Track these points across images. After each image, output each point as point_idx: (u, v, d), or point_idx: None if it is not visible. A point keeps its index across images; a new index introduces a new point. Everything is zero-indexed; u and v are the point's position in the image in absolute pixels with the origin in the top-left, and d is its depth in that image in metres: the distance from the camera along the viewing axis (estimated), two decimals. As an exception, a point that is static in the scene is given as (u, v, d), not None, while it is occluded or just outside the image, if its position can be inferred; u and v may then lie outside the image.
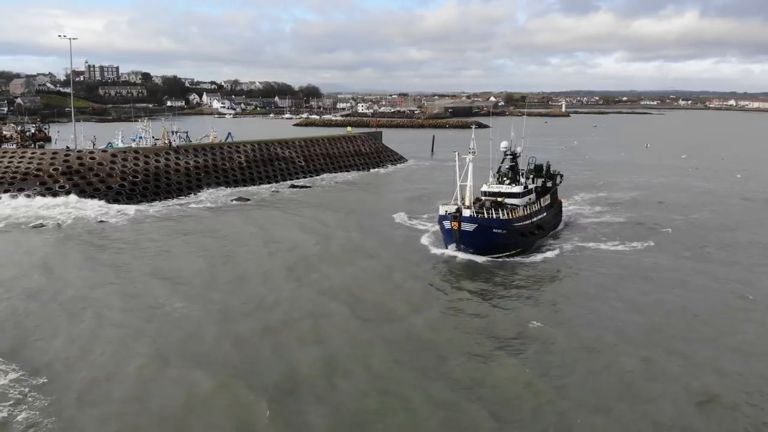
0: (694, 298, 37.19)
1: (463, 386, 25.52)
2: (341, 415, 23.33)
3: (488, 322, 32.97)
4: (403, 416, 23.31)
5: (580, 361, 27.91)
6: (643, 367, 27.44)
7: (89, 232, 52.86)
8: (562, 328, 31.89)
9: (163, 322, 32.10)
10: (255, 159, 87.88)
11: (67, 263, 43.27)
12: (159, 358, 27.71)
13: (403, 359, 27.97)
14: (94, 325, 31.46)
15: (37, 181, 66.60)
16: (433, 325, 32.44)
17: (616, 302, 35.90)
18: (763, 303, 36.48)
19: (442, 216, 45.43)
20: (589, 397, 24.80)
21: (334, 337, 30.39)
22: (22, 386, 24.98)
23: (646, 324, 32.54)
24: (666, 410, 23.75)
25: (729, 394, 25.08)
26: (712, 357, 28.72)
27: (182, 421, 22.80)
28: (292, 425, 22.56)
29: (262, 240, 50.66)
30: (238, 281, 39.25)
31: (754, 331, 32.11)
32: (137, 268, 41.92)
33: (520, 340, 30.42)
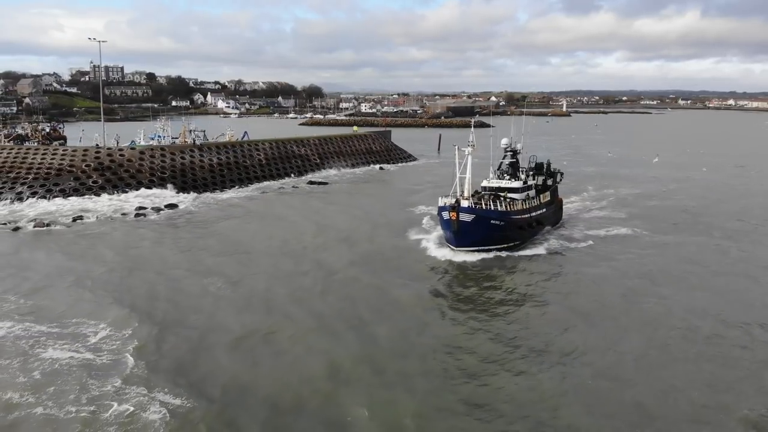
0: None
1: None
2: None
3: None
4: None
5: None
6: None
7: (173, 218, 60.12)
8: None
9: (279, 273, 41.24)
10: (273, 156, 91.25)
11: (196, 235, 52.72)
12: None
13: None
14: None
15: (71, 176, 69.88)
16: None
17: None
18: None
19: (441, 207, 45.71)
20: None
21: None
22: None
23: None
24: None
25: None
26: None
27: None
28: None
29: (311, 222, 57.67)
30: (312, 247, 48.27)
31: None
32: (242, 235, 52.59)
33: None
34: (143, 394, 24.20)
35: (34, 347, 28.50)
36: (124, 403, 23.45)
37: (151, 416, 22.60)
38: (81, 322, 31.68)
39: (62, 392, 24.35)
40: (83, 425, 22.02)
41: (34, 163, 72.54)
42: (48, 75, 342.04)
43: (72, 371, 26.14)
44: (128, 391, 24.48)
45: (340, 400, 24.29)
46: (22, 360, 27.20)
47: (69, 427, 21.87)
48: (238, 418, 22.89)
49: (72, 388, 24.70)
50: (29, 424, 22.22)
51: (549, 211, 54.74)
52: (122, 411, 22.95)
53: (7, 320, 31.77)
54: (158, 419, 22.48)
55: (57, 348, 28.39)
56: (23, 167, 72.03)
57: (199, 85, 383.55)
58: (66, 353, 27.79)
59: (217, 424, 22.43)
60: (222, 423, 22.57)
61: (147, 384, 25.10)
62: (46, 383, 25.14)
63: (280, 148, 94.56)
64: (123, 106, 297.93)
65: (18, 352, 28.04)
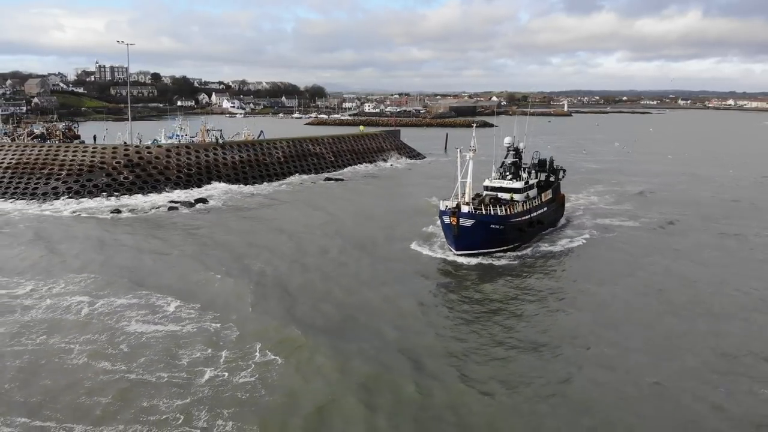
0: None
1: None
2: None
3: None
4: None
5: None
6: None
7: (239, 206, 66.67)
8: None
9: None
10: (291, 154, 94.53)
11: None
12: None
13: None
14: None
15: (103, 173, 73.17)
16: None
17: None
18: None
19: (442, 211, 46.47)
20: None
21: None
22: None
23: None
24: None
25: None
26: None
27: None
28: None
29: (339, 209, 64.10)
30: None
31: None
32: (293, 216, 60.83)
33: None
34: (231, 360, 27.51)
35: (120, 321, 31.92)
36: (213, 368, 26.70)
37: (241, 380, 25.83)
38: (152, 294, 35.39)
39: (153, 360, 27.66)
40: (179, 388, 25.24)
41: (65, 160, 75.72)
42: (54, 75, 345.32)
43: (158, 341, 29.56)
44: (217, 355, 27.86)
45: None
46: (109, 333, 30.59)
47: (166, 391, 25.06)
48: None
49: (159, 355, 28.07)
50: (130, 389, 25.42)
51: (550, 210, 55.17)
52: (211, 376, 26.14)
53: (88, 296, 35.44)
54: (250, 379, 25.80)
55: (141, 320, 31.95)
56: (55, 164, 75.26)
57: (204, 85, 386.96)
58: (151, 326, 31.33)
59: (304, 370, 25.69)
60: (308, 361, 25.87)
61: (233, 350, 28.48)
62: (136, 352, 28.49)
63: (297, 147, 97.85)
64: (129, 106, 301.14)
65: (106, 327, 31.42)
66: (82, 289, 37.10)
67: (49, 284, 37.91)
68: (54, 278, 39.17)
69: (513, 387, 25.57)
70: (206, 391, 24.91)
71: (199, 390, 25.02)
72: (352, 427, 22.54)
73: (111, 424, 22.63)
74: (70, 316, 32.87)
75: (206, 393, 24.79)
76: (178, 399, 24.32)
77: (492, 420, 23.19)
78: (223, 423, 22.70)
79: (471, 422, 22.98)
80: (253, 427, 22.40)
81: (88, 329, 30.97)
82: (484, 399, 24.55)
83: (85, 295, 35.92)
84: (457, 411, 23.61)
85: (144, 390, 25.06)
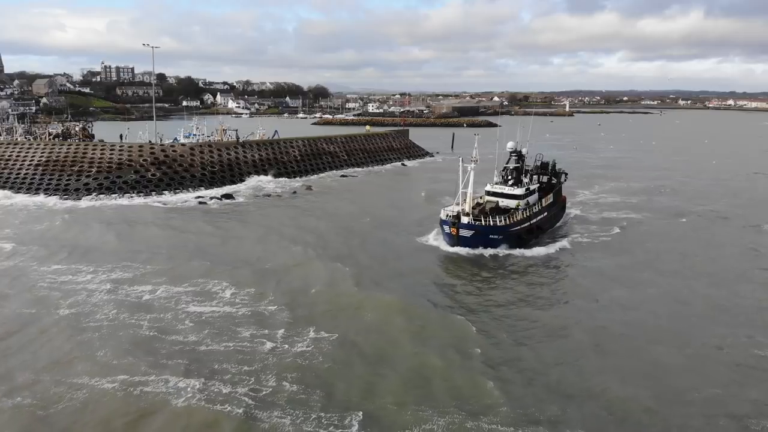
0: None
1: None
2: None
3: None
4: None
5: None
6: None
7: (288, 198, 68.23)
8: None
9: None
10: (306, 153, 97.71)
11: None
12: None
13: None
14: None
15: (131, 170, 76.36)
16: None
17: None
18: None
19: (443, 220, 47.58)
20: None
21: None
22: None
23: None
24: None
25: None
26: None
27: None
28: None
29: (364, 199, 63.49)
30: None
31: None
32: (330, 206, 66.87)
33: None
34: (288, 334, 30.76)
35: (178, 303, 35.10)
36: (273, 342, 29.91)
37: (299, 348, 29.12)
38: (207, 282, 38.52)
39: (217, 334, 30.85)
40: (245, 355, 28.46)
41: (94, 157, 78.90)
42: (59, 75, 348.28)
43: (217, 320, 32.74)
44: (274, 333, 31.03)
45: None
46: (172, 312, 33.80)
47: (234, 358, 28.26)
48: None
49: (222, 331, 31.26)
50: (202, 356, 28.60)
51: (550, 214, 55.09)
52: (272, 346, 29.36)
53: (148, 284, 38.62)
54: (306, 348, 29.06)
55: (198, 303, 35.13)
56: (84, 161, 78.45)
57: (208, 85, 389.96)
58: (208, 308, 34.46)
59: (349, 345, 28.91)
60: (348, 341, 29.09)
61: (288, 326, 31.75)
62: (200, 327, 31.68)
63: (312, 146, 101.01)
64: (135, 106, 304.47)
65: (168, 308, 34.64)
66: (145, 275, 40.31)
67: (108, 270, 41.13)
68: (110, 264, 42.43)
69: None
70: (270, 359, 28.11)
71: (264, 357, 28.25)
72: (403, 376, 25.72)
73: (190, 381, 25.81)
74: (131, 298, 36.04)
75: (270, 360, 27.99)
76: (245, 365, 27.53)
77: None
78: (288, 384, 25.85)
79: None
80: (315, 390, 25.50)
81: (152, 309, 34.14)
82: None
83: (145, 281, 39.12)
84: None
85: (214, 356, 28.31)
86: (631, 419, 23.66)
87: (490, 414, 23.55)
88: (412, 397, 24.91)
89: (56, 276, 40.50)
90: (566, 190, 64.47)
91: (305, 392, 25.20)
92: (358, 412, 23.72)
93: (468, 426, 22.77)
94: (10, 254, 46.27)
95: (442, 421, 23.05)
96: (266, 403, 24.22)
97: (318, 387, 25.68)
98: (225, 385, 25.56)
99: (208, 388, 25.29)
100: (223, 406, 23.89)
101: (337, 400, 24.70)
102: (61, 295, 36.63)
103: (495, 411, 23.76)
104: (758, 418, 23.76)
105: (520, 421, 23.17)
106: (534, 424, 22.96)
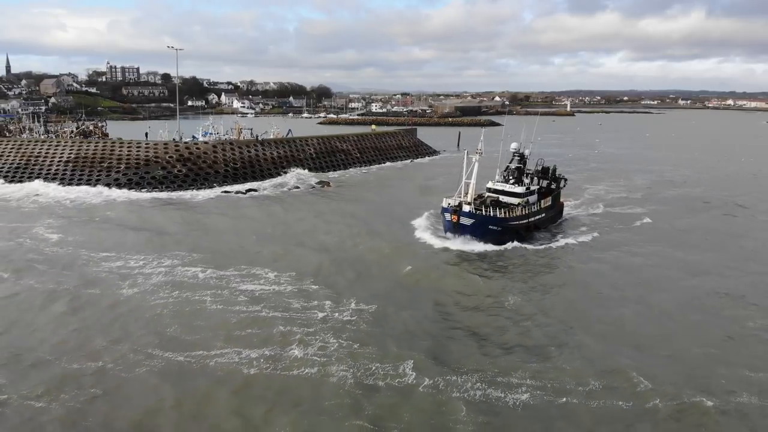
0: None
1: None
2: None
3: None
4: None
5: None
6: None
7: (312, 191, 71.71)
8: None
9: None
10: (321, 151, 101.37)
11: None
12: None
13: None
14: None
15: (158, 166, 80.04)
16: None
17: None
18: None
19: (444, 208, 48.79)
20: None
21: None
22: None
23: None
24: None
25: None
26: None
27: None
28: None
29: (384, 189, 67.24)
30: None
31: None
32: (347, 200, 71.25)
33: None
34: (334, 306, 34.56)
35: (230, 283, 38.78)
36: (323, 312, 33.69)
37: (346, 317, 32.95)
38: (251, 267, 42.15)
39: (275, 306, 34.54)
40: (303, 321, 32.19)
41: (122, 154, 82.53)
42: (65, 75, 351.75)
43: (270, 296, 36.41)
44: (321, 304, 34.79)
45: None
46: (228, 290, 37.50)
47: (294, 323, 31.98)
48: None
49: (278, 304, 34.94)
50: (268, 321, 32.32)
51: (547, 216, 56.76)
52: (324, 315, 33.13)
53: (198, 267, 42.34)
54: (352, 317, 32.86)
55: (248, 283, 38.82)
56: (113, 158, 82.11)
57: (213, 85, 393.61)
58: (259, 287, 38.14)
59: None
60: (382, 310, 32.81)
61: (334, 299, 35.58)
62: (258, 301, 35.37)
63: (326, 144, 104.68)
64: (142, 106, 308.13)
65: (223, 286, 38.33)
66: (193, 260, 43.97)
67: (157, 258, 44.76)
68: (157, 253, 46.05)
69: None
70: (324, 324, 31.98)
71: (318, 323, 32.12)
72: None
73: (266, 343, 29.59)
74: (187, 279, 39.65)
75: (325, 326, 31.87)
76: (305, 327, 31.41)
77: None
78: (346, 343, 29.64)
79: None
80: (368, 347, 29.25)
81: (209, 288, 37.76)
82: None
83: (194, 265, 42.78)
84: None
85: (277, 322, 32.09)
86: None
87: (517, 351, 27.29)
88: (450, 352, 28.83)
89: (108, 262, 43.91)
90: (591, 181, 67.76)
91: (361, 349, 29.09)
92: (408, 361, 27.66)
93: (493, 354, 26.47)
94: (58, 243, 49.92)
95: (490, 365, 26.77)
96: (332, 360, 27.93)
97: (370, 345, 29.56)
98: (295, 348, 29.23)
99: (281, 353, 28.90)
100: (299, 369, 27.43)
101: (389, 354, 28.63)
102: (119, 278, 40.21)
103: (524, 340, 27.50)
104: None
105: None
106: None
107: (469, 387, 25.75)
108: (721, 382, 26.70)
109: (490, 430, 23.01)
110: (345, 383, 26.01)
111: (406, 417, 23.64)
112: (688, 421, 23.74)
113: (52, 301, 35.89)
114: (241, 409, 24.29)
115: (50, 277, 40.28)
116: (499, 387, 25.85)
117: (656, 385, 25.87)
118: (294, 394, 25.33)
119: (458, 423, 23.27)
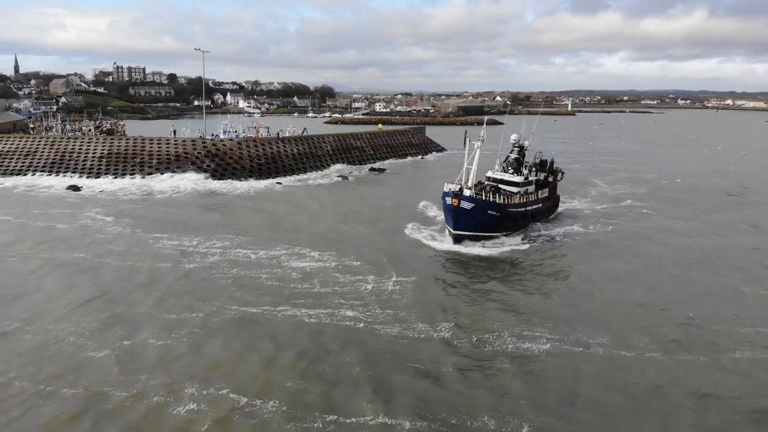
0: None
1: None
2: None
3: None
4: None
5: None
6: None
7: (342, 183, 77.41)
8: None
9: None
10: (337, 148, 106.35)
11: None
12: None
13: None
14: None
15: (188, 161, 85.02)
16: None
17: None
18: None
19: (446, 192, 49.81)
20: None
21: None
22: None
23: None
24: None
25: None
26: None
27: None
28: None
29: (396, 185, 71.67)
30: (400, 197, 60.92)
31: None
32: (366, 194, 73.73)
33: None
34: (378, 280, 39.50)
35: (281, 262, 43.74)
36: (368, 284, 38.64)
37: (390, 287, 37.93)
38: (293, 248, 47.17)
39: (324, 281, 39.47)
40: (350, 291, 37.16)
41: (152, 150, 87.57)
42: (72, 75, 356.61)
43: (319, 271, 41.39)
44: (362, 278, 39.72)
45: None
46: (279, 269, 42.47)
47: (346, 295, 36.91)
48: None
49: (327, 278, 39.87)
50: (318, 293, 37.24)
51: (544, 207, 58.61)
52: (370, 287, 38.08)
53: (247, 249, 47.45)
54: (396, 289, 37.84)
55: (298, 260, 43.93)
56: (144, 154, 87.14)
57: (218, 85, 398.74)
58: (307, 264, 43.18)
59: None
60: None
61: (376, 273, 40.65)
62: (308, 277, 40.32)
63: (341, 142, 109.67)
64: (149, 105, 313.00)
65: (274, 264, 43.31)
66: (242, 242, 48.96)
67: (207, 239, 49.72)
68: (206, 234, 51.08)
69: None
70: (372, 296, 36.84)
71: (366, 294, 36.99)
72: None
73: (324, 305, 34.58)
74: (241, 258, 44.58)
75: (373, 297, 36.74)
76: (354, 300, 36.25)
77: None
78: (390, 311, 34.54)
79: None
80: (411, 312, 34.19)
81: (263, 266, 42.67)
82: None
83: (243, 246, 47.77)
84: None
85: (329, 294, 36.99)
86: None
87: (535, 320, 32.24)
88: (479, 317, 33.85)
89: (165, 242, 49.03)
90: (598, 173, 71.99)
91: (403, 313, 34.07)
92: (444, 323, 32.69)
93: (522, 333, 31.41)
94: (113, 224, 55.18)
95: (505, 332, 31.72)
96: (379, 322, 32.84)
97: (411, 309, 34.54)
98: (347, 310, 34.26)
99: (334, 313, 33.87)
100: (351, 322, 32.52)
101: (427, 317, 33.65)
102: (180, 254, 45.29)
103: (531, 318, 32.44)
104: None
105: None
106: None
107: (501, 342, 30.64)
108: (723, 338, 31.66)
109: (526, 372, 27.81)
110: (392, 335, 31.18)
111: (451, 361, 28.56)
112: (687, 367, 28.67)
113: (133, 273, 41.13)
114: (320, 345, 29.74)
115: (123, 254, 45.39)
116: (526, 340, 30.81)
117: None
118: (357, 339, 30.67)
119: (499, 370, 28.06)
